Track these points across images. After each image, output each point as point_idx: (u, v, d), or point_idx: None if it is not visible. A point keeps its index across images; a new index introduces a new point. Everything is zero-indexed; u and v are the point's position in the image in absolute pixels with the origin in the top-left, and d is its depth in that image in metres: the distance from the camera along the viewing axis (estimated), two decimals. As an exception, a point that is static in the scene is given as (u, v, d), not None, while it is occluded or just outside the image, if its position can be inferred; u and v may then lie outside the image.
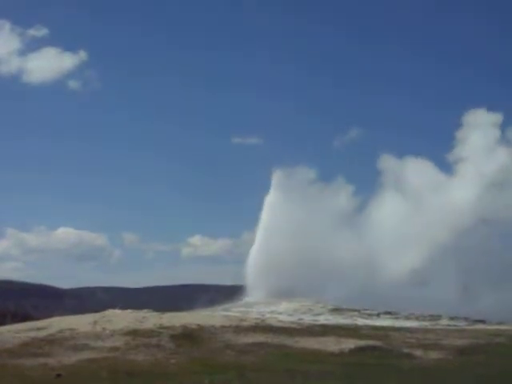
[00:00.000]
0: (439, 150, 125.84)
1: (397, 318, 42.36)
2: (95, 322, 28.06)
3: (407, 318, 42.88)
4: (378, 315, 43.63)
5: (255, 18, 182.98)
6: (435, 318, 42.74)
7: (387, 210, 64.55)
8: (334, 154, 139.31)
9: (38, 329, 26.88)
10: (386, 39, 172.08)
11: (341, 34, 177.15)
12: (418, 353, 23.89)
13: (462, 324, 40.45)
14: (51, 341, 24.19)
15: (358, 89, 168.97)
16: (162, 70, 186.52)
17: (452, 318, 42.60)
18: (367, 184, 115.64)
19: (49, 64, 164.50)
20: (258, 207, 63.55)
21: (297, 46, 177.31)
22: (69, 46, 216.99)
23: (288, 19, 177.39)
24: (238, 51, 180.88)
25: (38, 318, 37.25)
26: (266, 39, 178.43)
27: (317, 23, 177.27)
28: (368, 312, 44.44)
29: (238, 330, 27.89)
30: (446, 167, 69.72)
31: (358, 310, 44.77)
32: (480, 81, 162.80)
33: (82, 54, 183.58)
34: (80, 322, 28.36)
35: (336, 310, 44.75)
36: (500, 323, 40.50)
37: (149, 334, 25.91)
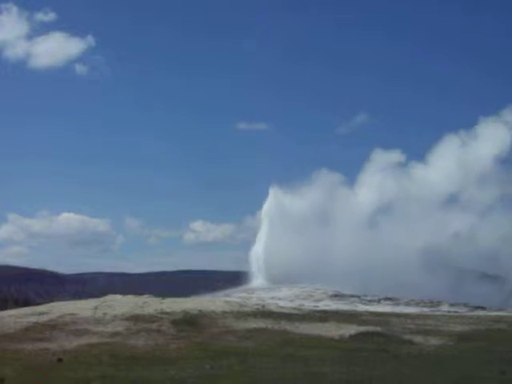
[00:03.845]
0: None
1: (397, 304, 42.47)
2: (96, 307, 28.13)
3: (407, 303, 43.00)
4: (379, 301, 43.75)
5: (261, 10, 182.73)
6: (435, 304, 42.84)
7: None
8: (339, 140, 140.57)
9: (40, 314, 26.93)
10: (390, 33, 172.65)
11: (345, 25, 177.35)
12: (418, 339, 23.94)
13: (462, 310, 40.53)
14: (52, 326, 24.24)
15: (363, 78, 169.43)
16: (168, 57, 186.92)
17: (452, 305, 42.70)
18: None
19: (56, 49, 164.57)
20: (262, 192, 64.21)
21: (302, 36, 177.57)
22: (76, 31, 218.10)
23: (293, 11, 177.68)
24: (243, 39, 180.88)
25: (39, 303, 37.34)
26: (271, 29, 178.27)
27: (321, 14, 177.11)
28: (368, 298, 44.56)
29: (239, 315, 27.95)
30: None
31: (359, 296, 44.89)
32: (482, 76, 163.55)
33: (90, 39, 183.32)
34: (81, 307, 28.43)
35: (337, 296, 44.87)
36: (500, 309, 40.60)
37: (150, 319, 25.97)
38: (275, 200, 64.05)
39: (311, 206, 64.83)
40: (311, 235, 61.27)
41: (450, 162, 68.72)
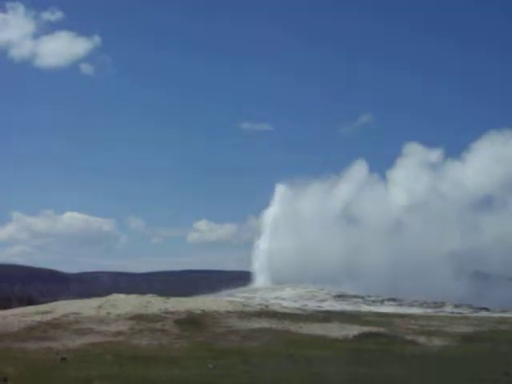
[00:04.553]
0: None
1: (401, 305, 42.40)
2: (100, 307, 28.14)
3: (411, 304, 42.93)
4: (382, 302, 43.68)
5: (262, 10, 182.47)
6: (439, 305, 42.76)
7: None
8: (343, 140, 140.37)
9: (43, 313, 26.97)
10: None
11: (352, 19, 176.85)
12: (422, 339, 23.89)
13: (466, 311, 40.44)
14: (56, 325, 24.27)
15: (367, 76, 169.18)
16: (173, 58, 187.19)
17: (456, 306, 42.61)
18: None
19: (62, 48, 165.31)
20: (265, 192, 64.15)
21: (307, 33, 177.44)
22: (82, 31, 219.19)
23: (293, 11, 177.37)
24: (246, 39, 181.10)
25: (43, 302, 37.37)
26: (274, 30, 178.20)
27: (325, 12, 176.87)
28: (372, 299, 44.48)
29: (243, 315, 27.94)
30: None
31: (362, 297, 44.82)
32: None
33: (96, 39, 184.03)
34: (85, 307, 28.45)
35: (340, 297, 44.80)
36: (504, 311, 40.48)
37: (153, 318, 25.98)
38: (280, 200, 63.93)
39: (320, 205, 64.21)
40: (325, 234, 60.68)
41: (485, 162, 66.59)
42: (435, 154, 70.60)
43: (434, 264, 54.80)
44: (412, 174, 67.62)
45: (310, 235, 60.56)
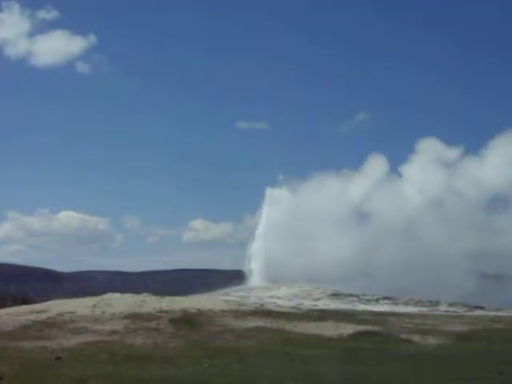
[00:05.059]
0: None
1: (396, 304, 42.47)
2: (95, 306, 28.11)
3: (406, 303, 43.01)
4: (377, 300, 43.74)
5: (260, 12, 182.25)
6: (434, 303, 42.85)
7: None
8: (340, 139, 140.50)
9: (38, 312, 26.93)
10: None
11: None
12: (417, 338, 23.94)
13: (460, 310, 40.53)
14: (51, 324, 24.24)
15: (366, 74, 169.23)
16: (169, 57, 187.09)
17: (451, 304, 42.71)
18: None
19: (57, 47, 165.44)
20: (261, 191, 64.12)
21: (306, 31, 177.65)
22: (78, 30, 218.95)
23: (293, 12, 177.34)
24: (243, 39, 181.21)
25: (37, 301, 37.31)
26: (275, 24, 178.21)
27: (328, 8, 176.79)
28: (367, 297, 44.55)
29: (238, 314, 27.95)
30: None
31: (357, 296, 44.88)
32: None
33: (91, 38, 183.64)
34: (79, 306, 28.41)
35: (335, 295, 44.86)
36: (498, 309, 40.59)
37: (148, 317, 25.96)
38: (276, 198, 63.82)
39: (329, 202, 63.61)
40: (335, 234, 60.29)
41: (501, 160, 65.49)
42: (451, 151, 69.96)
43: (446, 263, 54.40)
44: (426, 171, 66.76)
45: (313, 234, 60.16)
